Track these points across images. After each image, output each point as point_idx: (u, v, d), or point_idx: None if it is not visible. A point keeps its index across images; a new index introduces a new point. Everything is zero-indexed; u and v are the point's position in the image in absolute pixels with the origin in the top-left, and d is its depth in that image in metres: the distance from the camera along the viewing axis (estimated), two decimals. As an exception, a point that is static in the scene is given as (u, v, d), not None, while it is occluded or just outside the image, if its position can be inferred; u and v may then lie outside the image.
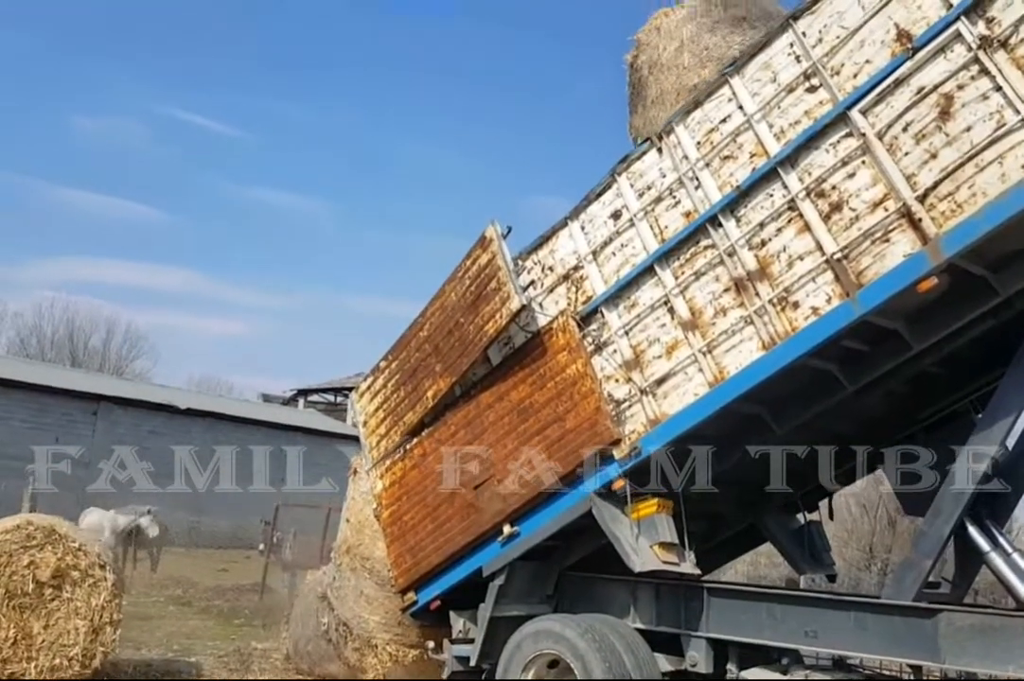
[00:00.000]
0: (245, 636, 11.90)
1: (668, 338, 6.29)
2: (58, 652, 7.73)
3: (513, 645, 6.58)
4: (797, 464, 7.08)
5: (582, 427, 6.40)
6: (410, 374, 7.65)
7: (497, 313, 6.83)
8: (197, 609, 14.50)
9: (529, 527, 6.76)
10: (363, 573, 8.14)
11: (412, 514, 7.47)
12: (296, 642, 9.29)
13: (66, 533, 8.08)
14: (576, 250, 6.92)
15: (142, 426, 32.85)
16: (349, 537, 8.24)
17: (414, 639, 7.97)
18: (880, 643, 5.50)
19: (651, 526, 6.26)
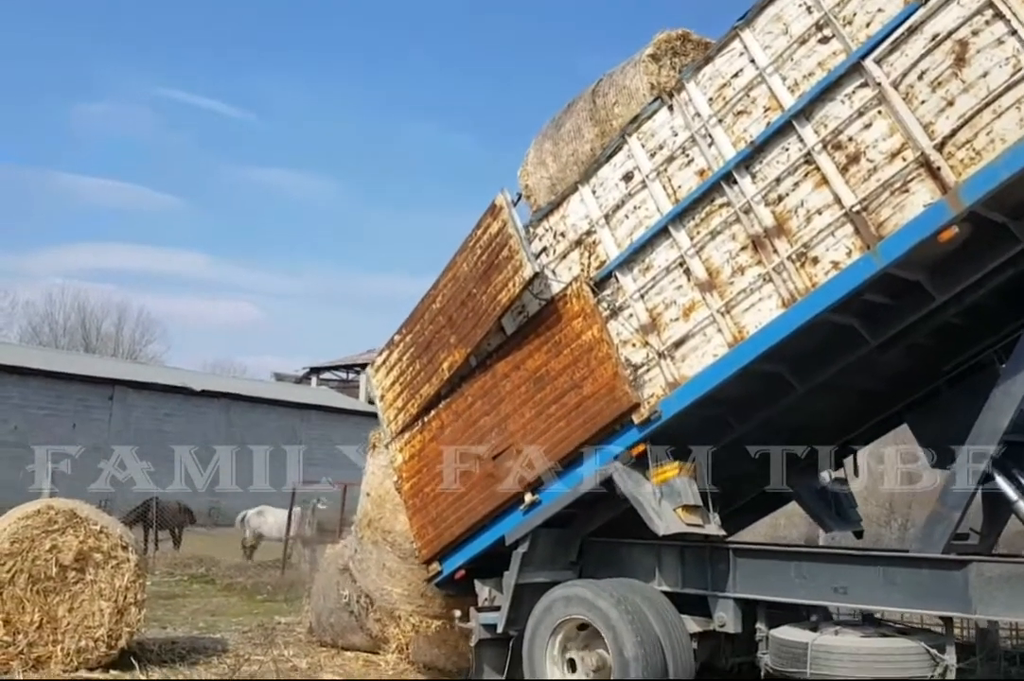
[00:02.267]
0: (268, 611, 12.12)
1: (685, 300, 6.22)
2: (84, 634, 7.79)
3: (540, 612, 6.58)
4: (822, 422, 7.05)
5: (600, 393, 6.36)
6: (425, 347, 7.60)
7: (510, 282, 6.77)
8: (220, 587, 14.68)
9: (550, 495, 6.74)
10: (385, 546, 8.16)
11: (433, 486, 7.45)
12: (319, 615, 9.40)
13: (87, 516, 8.13)
14: (588, 214, 6.84)
15: (158, 409, 33.07)
16: (370, 511, 8.25)
17: (436, 610, 8.04)
18: (910, 597, 5.48)
19: (673, 489, 6.22)
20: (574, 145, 7.35)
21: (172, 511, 20.76)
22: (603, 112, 7.17)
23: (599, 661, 6.32)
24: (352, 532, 8.83)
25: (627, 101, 7.01)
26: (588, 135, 7.25)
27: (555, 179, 7.37)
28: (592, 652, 6.38)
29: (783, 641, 5.90)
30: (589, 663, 6.35)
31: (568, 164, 7.31)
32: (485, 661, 7.07)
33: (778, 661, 5.94)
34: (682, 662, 6.18)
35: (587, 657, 6.39)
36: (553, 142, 7.60)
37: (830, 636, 5.77)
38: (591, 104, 7.30)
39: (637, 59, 7.18)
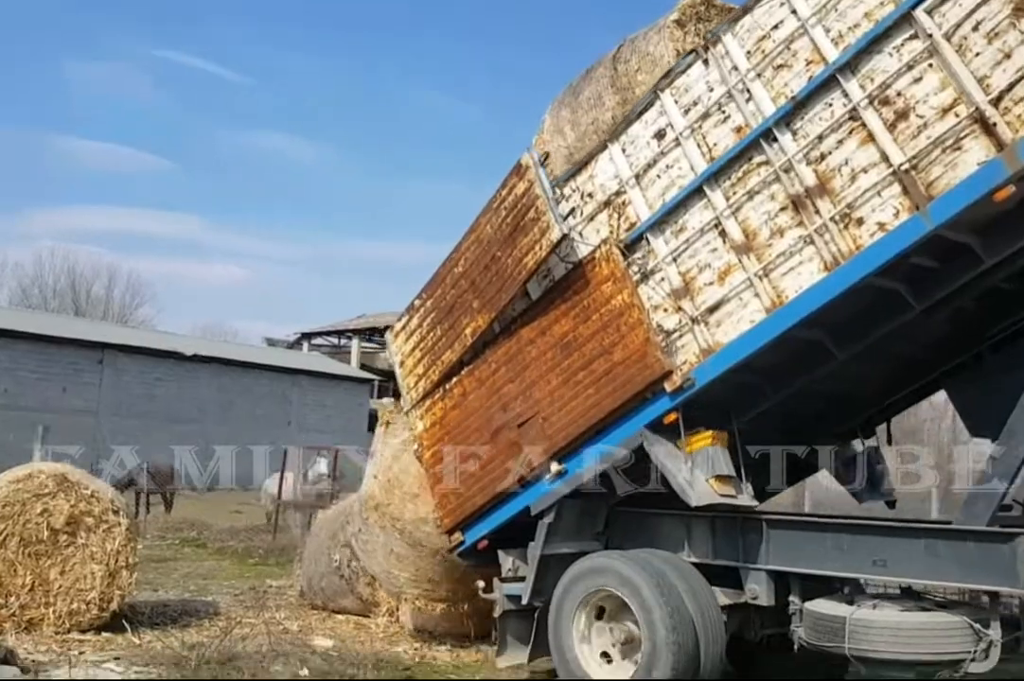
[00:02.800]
0: (260, 575, 12.24)
1: (720, 263, 5.98)
2: (75, 597, 7.88)
3: (566, 582, 6.44)
4: (858, 390, 6.84)
5: (630, 360, 6.14)
6: (446, 312, 7.38)
7: (536, 244, 6.53)
8: (212, 550, 14.76)
9: (576, 464, 6.55)
10: (393, 532, 8.03)
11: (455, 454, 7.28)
12: (310, 579, 9.45)
13: (78, 480, 8.18)
14: (617, 174, 6.57)
15: (149, 373, 33.13)
16: (377, 495, 8.09)
17: (443, 594, 8.09)
18: (954, 570, 5.30)
19: (706, 459, 6.04)
20: (594, 113, 7.06)
21: (163, 475, 20.84)
22: (625, 79, 6.87)
23: (627, 634, 6.18)
24: (355, 510, 8.71)
25: (650, 68, 6.72)
26: (609, 103, 6.96)
27: (573, 148, 7.09)
28: (620, 624, 6.24)
29: (819, 615, 5.74)
30: (617, 635, 6.22)
31: (587, 133, 7.03)
32: (509, 632, 6.95)
33: (813, 635, 5.79)
34: (713, 635, 6.03)
35: (615, 629, 6.24)
36: (571, 110, 7.31)
37: (868, 610, 5.61)
38: (612, 71, 6.99)
39: (661, 25, 6.88)
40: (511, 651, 6.91)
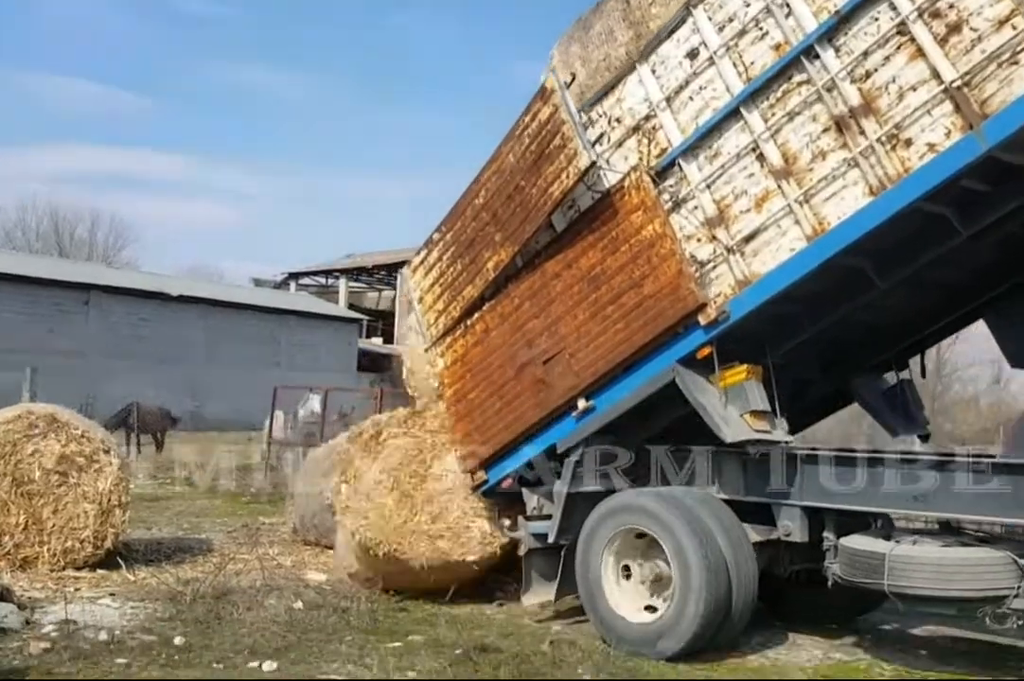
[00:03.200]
0: (252, 513, 12.30)
1: (758, 189, 5.70)
2: (69, 535, 7.93)
3: (594, 521, 6.31)
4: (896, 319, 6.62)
5: (662, 292, 5.91)
6: (467, 245, 7.13)
7: (563, 173, 6.24)
8: (204, 489, 14.78)
9: (605, 401, 6.37)
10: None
11: (477, 392, 7.10)
12: (302, 516, 9.46)
13: (68, 421, 8.19)
14: (647, 97, 6.25)
15: (135, 314, 33.01)
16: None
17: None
18: (1000, 505, 5.14)
19: (740, 394, 5.85)
20: (605, 49, 6.65)
21: (154, 416, 20.92)
22: (638, 13, 6.44)
23: (657, 572, 6.07)
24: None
25: (666, 0, 6.31)
26: (622, 38, 6.57)
27: (584, 86, 6.71)
28: (650, 562, 6.13)
29: (857, 551, 5.61)
30: (647, 573, 6.11)
31: (599, 70, 6.64)
32: (534, 571, 6.85)
33: (850, 571, 5.67)
34: (745, 573, 5.92)
35: (644, 567, 6.14)
36: (582, 45, 6.91)
37: (908, 546, 5.48)
38: (624, 4, 6.56)
39: None
40: (536, 589, 6.83)
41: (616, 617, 6.11)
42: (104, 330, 31.96)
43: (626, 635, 6.00)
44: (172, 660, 5.46)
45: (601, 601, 6.21)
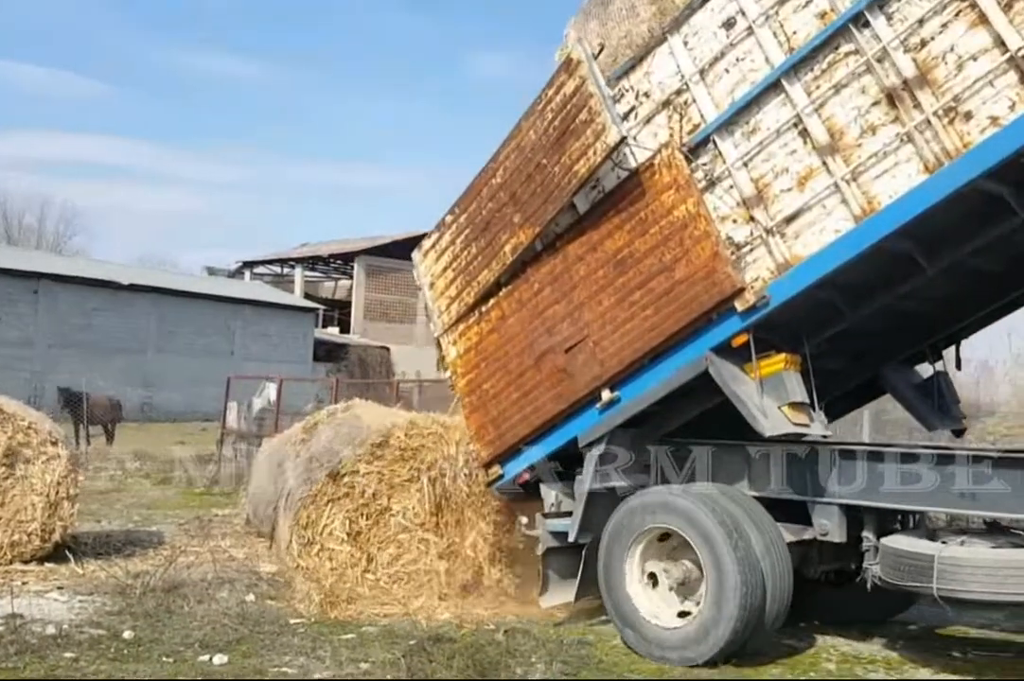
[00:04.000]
0: (205, 504, 12.17)
1: (800, 167, 5.35)
2: (16, 528, 7.79)
3: (620, 519, 5.96)
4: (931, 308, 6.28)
5: (696, 276, 5.56)
6: (483, 227, 6.75)
7: (589, 149, 5.86)
8: (156, 481, 14.63)
9: (631, 392, 6.01)
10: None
11: (493, 382, 6.74)
12: (256, 507, 9.30)
13: (14, 412, 7.98)
14: (679, 70, 5.89)
15: (85, 304, 32.50)
16: None
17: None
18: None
19: (778, 384, 5.51)
20: (626, 26, 6.30)
21: (103, 407, 20.52)
22: None
23: (685, 573, 5.73)
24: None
25: None
26: (644, 14, 6.22)
27: (602, 64, 6.36)
28: (677, 564, 5.79)
29: (902, 552, 5.28)
30: (674, 575, 5.77)
31: (619, 48, 6.29)
32: (552, 570, 6.51)
33: (894, 574, 5.34)
34: (781, 575, 5.58)
35: (671, 569, 5.79)
36: (600, 22, 6.55)
37: (957, 547, 5.15)
38: None
39: None
40: (555, 590, 6.48)
41: (643, 621, 5.77)
42: (53, 320, 31.54)
43: (654, 640, 5.66)
44: (121, 654, 5.37)
45: (626, 605, 5.86)
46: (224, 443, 17.09)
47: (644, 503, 5.89)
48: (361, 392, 16.55)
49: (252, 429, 17.14)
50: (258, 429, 16.69)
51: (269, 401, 18.14)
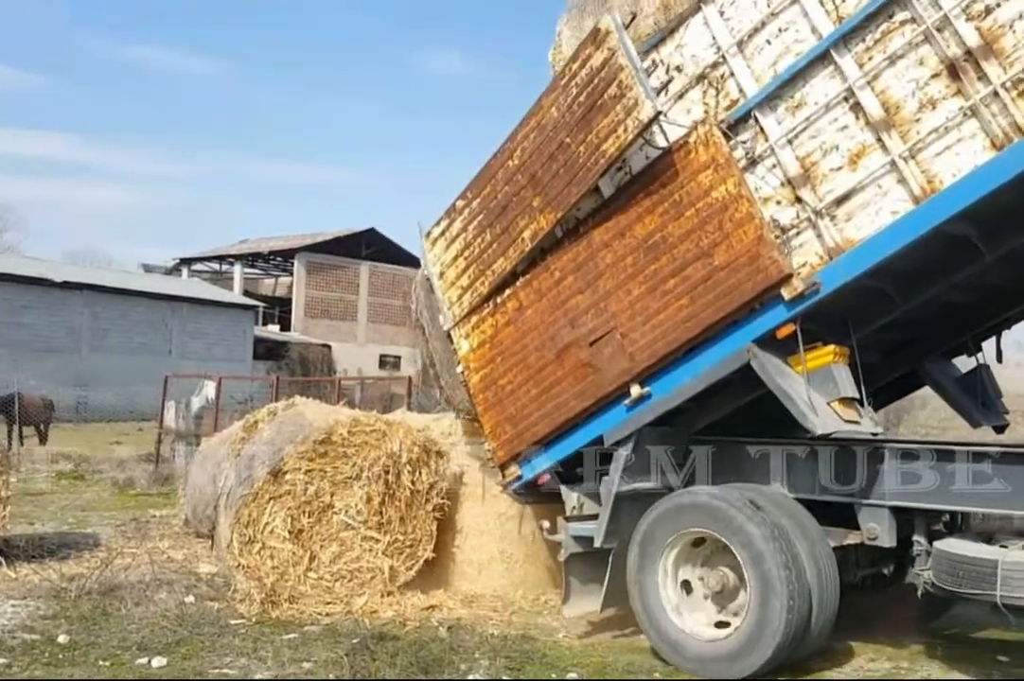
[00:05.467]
0: (142, 505, 11.91)
1: (852, 144, 4.98)
2: None
3: (651, 523, 5.56)
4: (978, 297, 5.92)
5: (738, 262, 5.17)
6: (498, 213, 6.33)
7: (619, 126, 5.46)
8: (91, 482, 14.27)
9: (663, 387, 5.62)
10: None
11: (510, 377, 6.32)
12: (195, 507, 9.15)
13: None
14: (715, 42, 5.50)
15: (15, 301, 31.60)
16: None
17: None
18: None
19: (827, 378, 5.14)
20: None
21: (36, 406, 20.00)
22: None
23: (722, 581, 5.35)
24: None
25: None
26: (648, 8, 5.86)
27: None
28: (713, 570, 5.41)
29: (961, 557, 4.91)
30: (711, 583, 5.39)
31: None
32: (575, 578, 6.10)
33: (951, 580, 4.97)
34: (827, 580, 5.22)
35: (708, 576, 5.42)
36: (596, 18, 6.17)
37: (1021, 552, 4.80)
38: None
39: None
40: (578, 598, 6.07)
41: (679, 632, 5.38)
42: (-17, 319, 30.69)
43: (691, 654, 5.28)
44: (56, 659, 5.22)
45: (661, 615, 5.47)
46: (162, 443, 16.78)
47: (680, 505, 5.49)
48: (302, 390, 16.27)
49: (190, 428, 16.81)
50: (196, 428, 16.39)
51: (208, 400, 17.70)
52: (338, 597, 6.54)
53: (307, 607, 6.37)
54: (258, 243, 49.73)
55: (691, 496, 5.52)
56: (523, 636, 5.88)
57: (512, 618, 6.45)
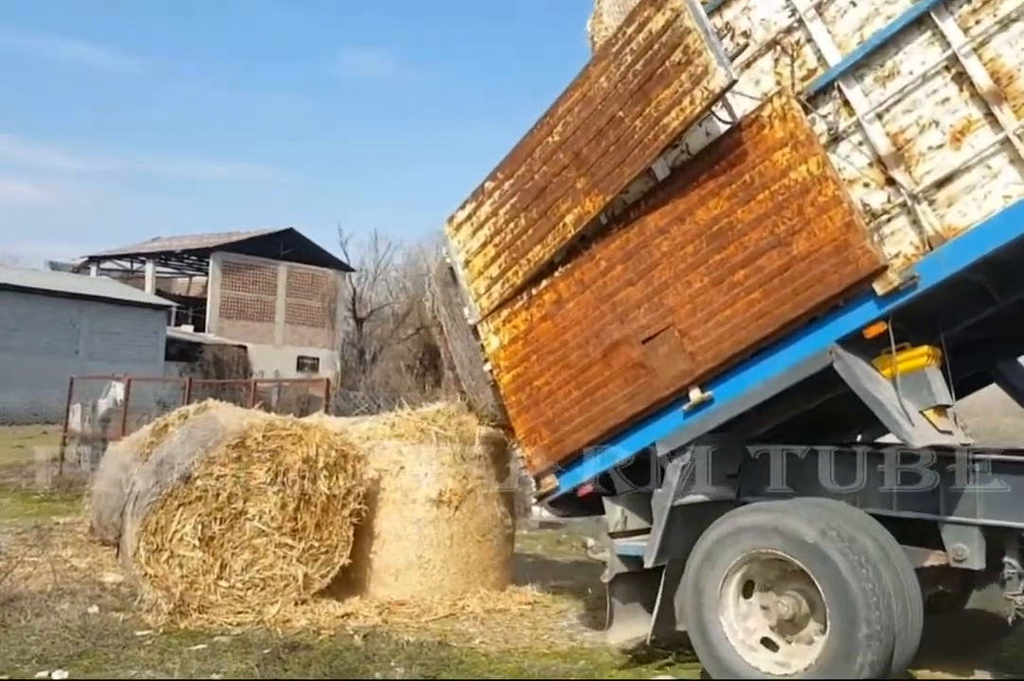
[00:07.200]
0: (44, 512, 11.61)
1: (954, 119, 4.40)
2: None
3: (712, 543, 4.98)
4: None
5: (822, 252, 4.58)
6: (535, 195, 5.70)
7: (685, 97, 4.84)
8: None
9: (728, 391, 5.04)
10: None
11: (547, 378, 5.71)
12: (100, 514, 8.97)
13: None
14: (788, 4, 4.90)
15: None
16: None
17: None
18: None
19: (920, 383, 4.58)
20: None
21: None
22: None
23: (793, 608, 4.79)
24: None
25: None
26: None
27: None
28: (783, 597, 4.84)
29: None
30: (781, 611, 4.82)
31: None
32: (619, 601, 5.53)
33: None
34: (913, 609, 4.68)
35: (777, 603, 4.85)
36: None
37: None
38: None
39: None
40: (624, 623, 5.51)
41: (746, 667, 4.81)
42: None
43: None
44: None
45: (722, 645, 4.90)
46: (67, 447, 16.33)
47: (746, 524, 4.91)
48: (216, 392, 15.87)
49: (97, 432, 16.45)
50: (103, 432, 16.00)
51: (116, 402, 17.16)
52: (250, 606, 6.36)
53: (217, 617, 6.19)
54: (171, 241, 48.39)
55: (756, 514, 4.93)
56: (440, 643, 5.80)
57: (429, 625, 6.37)
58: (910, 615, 4.66)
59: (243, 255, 44.61)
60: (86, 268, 48.96)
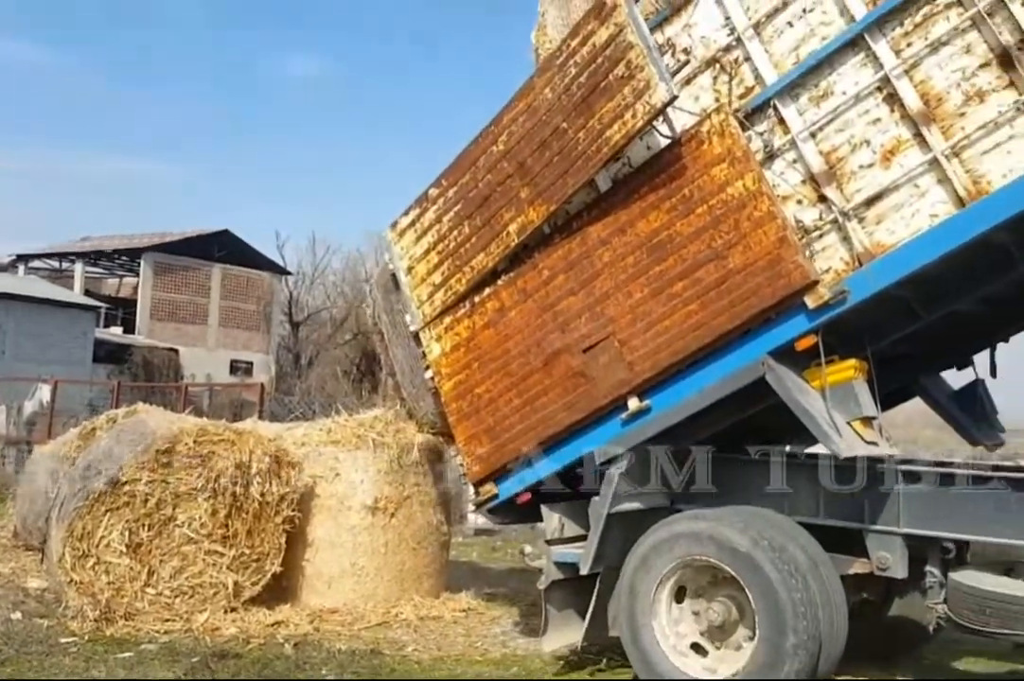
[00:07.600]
0: None
1: (885, 138, 4.54)
2: None
3: (647, 550, 5.07)
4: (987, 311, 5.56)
5: (756, 266, 4.69)
6: (479, 203, 5.73)
7: (627, 111, 4.92)
8: None
9: (665, 401, 5.12)
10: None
11: (488, 386, 5.74)
12: (25, 518, 8.90)
13: None
14: (728, 22, 5.01)
15: None
16: None
17: None
18: None
19: (847, 395, 4.71)
20: None
21: None
22: None
23: (723, 614, 4.88)
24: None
25: None
26: None
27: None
28: (714, 603, 4.93)
29: (989, 594, 4.55)
30: (712, 617, 4.90)
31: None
32: (554, 608, 5.56)
33: (975, 617, 4.60)
34: (838, 617, 4.80)
35: (708, 610, 4.93)
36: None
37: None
38: None
39: None
40: (558, 631, 5.54)
41: (676, 672, 4.89)
42: None
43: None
44: None
45: (654, 651, 4.97)
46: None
47: (678, 532, 4.99)
48: (146, 396, 15.71)
49: (22, 434, 16.33)
50: (29, 435, 15.91)
51: (42, 404, 16.91)
52: (178, 614, 6.28)
53: (144, 624, 6.10)
54: (102, 241, 47.13)
55: (689, 522, 5.03)
56: (372, 651, 5.78)
57: (361, 633, 6.34)
58: (836, 623, 4.78)
59: (176, 256, 43.56)
60: (14, 267, 47.49)
